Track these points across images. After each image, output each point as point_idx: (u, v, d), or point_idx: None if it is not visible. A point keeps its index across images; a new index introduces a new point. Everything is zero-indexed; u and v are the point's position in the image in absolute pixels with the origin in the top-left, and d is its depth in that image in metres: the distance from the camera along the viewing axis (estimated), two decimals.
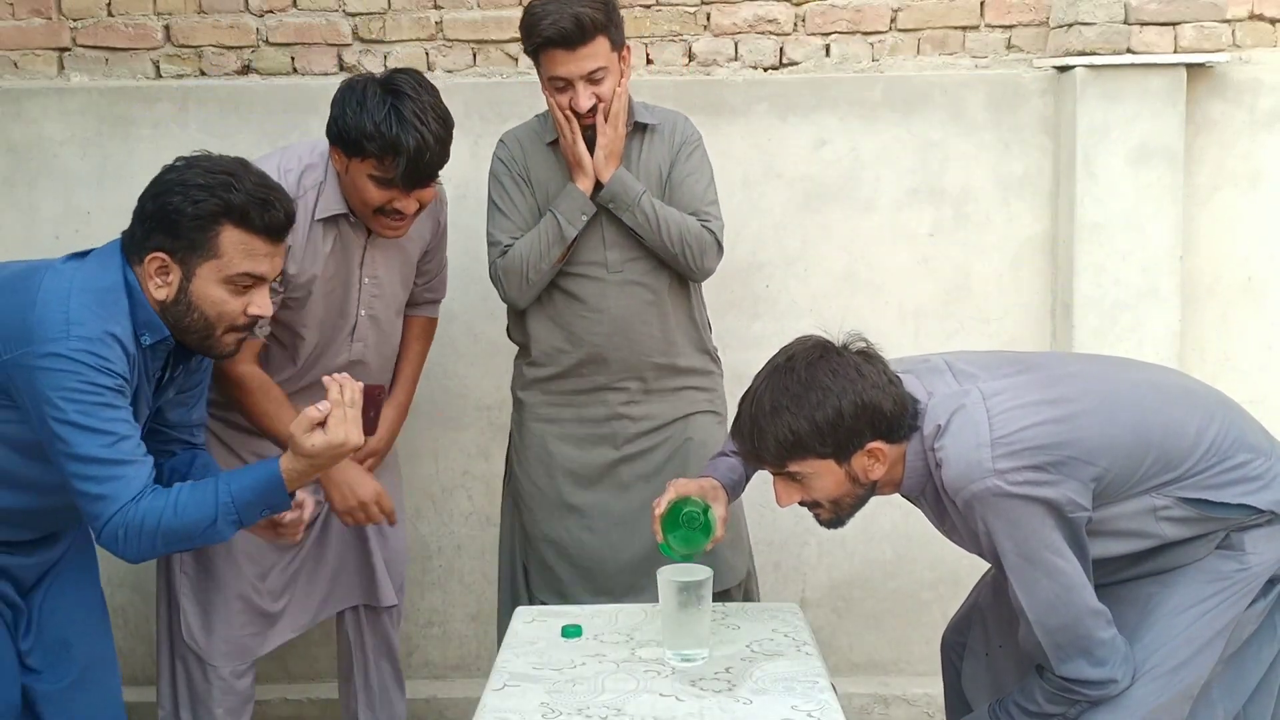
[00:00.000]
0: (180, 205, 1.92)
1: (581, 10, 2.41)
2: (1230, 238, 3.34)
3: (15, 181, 3.31)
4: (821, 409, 1.90)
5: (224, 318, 1.98)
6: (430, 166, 2.36)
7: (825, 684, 2.01)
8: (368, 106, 2.31)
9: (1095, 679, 1.93)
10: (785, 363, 1.95)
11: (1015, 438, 1.89)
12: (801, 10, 3.33)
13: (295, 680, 3.36)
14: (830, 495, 2.00)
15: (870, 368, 1.94)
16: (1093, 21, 3.18)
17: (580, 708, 1.93)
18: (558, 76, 2.48)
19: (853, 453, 1.94)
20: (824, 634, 3.34)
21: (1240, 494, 1.97)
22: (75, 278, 1.91)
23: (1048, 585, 1.90)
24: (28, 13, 3.31)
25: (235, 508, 1.92)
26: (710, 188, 2.65)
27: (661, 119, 2.66)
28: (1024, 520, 1.88)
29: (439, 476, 3.41)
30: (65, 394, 1.83)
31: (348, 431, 1.90)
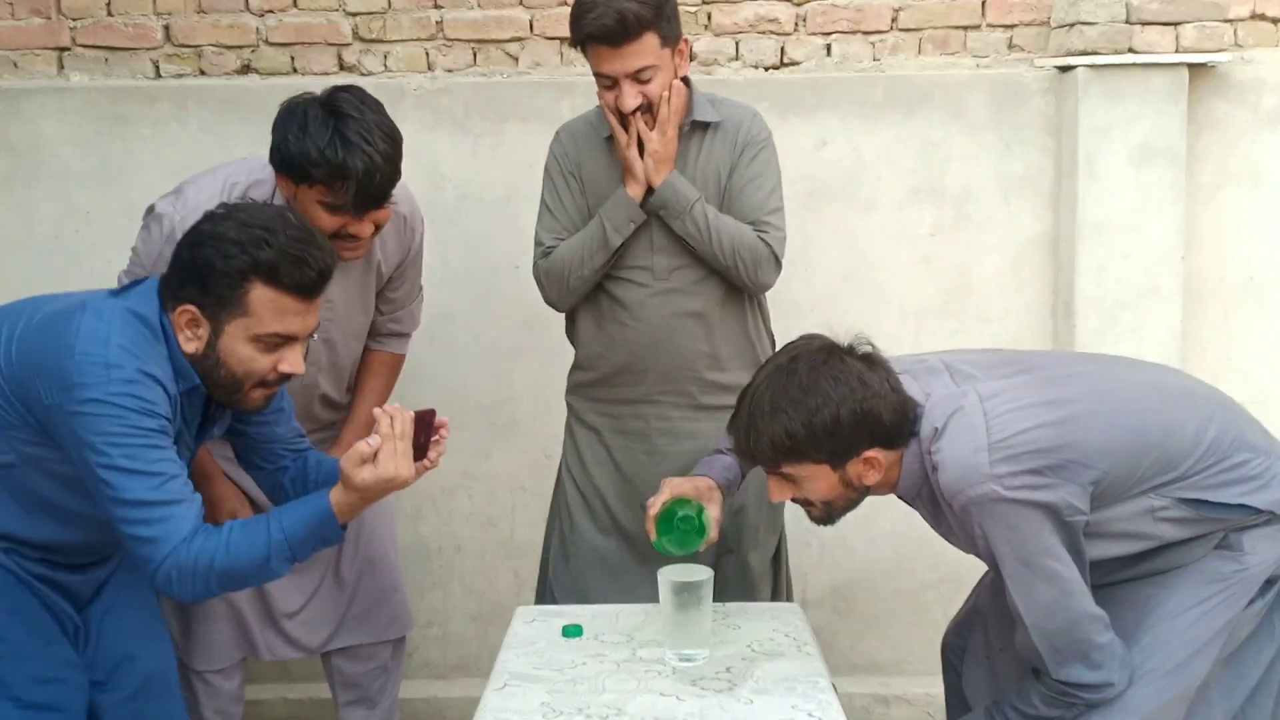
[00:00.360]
0: (211, 259, 1.86)
1: (628, 5, 2.28)
2: (1232, 237, 3.33)
3: (14, 181, 3.30)
4: (820, 415, 1.88)
5: (251, 375, 1.92)
6: (381, 188, 2.24)
7: (826, 684, 2.01)
8: (310, 131, 2.19)
9: (1092, 683, 1.92)
10: (788, 363, 1.94)
11: (1013, 441, 1.87)
12: (802, 10, 3.32)
13: (295, 680, 3.36)
14: (823, 497, 2.00)
15: (873, 375, 1.92)
16: (1094, 21, 3.18)
17: (581, 708, 1.93)
18: (603, 74, 2.37)
19: (849, 460, 1.93)
20: (825, 634, 3.34)
21: (1239, 494, 1.96)
22: (114, 320, 1.86)
23: (1045, 590, 1.89)
24: (28, 13, 3.30)
25: (288, 544, 1.88)
26: (774, 195, 2.50)
27: (726, 115, 2.51)
28: (1021, 525, 1.87)
29: (439, 476, 3.39)
30: (109, 439, 1.79)
31: (398, 466, 1.88)
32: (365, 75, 3.32)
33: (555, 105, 3.28)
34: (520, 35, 3.31)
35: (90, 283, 3.27)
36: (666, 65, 2.37)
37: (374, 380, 2.70)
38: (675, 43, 2.39)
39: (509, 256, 3.22)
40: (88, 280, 3.28)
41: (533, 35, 3.32)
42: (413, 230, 2.58)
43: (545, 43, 3.32)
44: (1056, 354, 2.87)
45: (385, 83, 3.30)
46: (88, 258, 3.31)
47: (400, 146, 2.28)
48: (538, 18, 3.31)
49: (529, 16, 3.31)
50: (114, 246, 3.30)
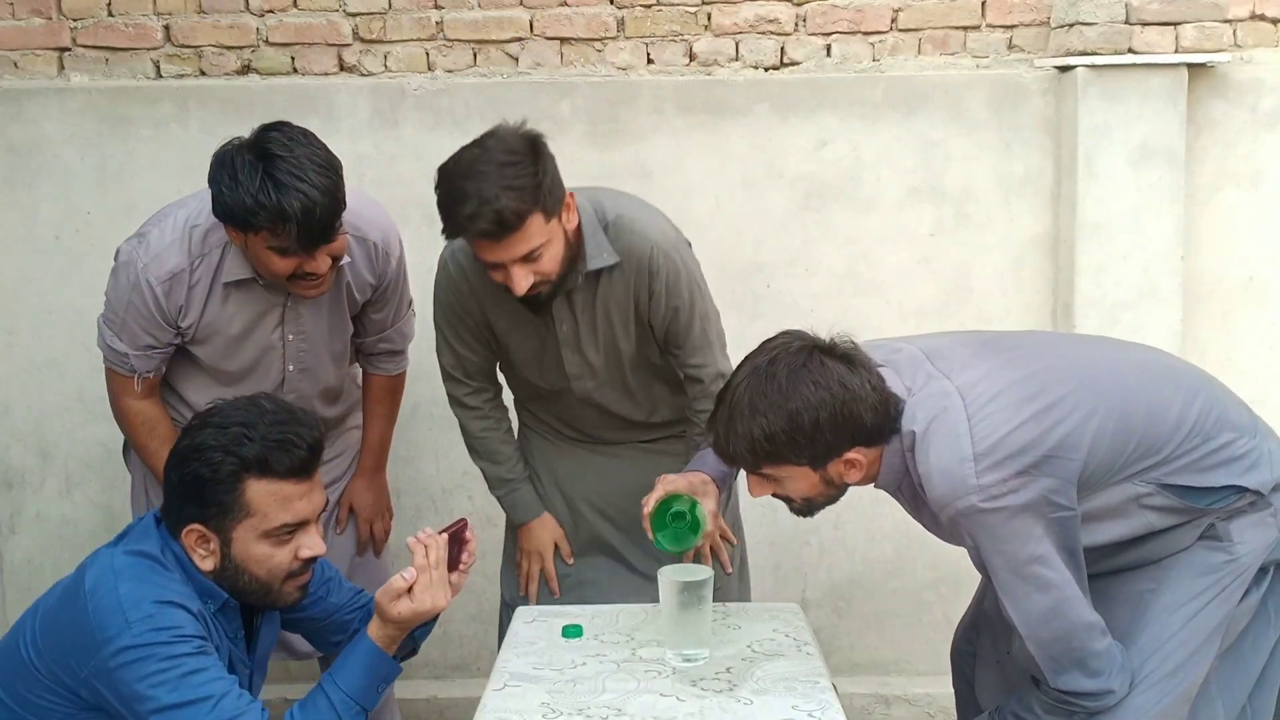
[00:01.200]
0: (199, 472, 1.82)
1: (504, 204, 2.05)
2: (1231, 238, 3.33)
3: (15, 181, 3.30)
4: (800, 420, 1.85)
5: (276, 573, 1.88)
6: (323, 222, 2.17)
7: (826, 684, 2.01)
8: (240, 180, 2.15)
9: (1092, 690, 1.90)
10: (767, 365, 1.89)
11: (997, 446, 1.83)
12: (802, 10, 3.32)
13: (295, 680, 3.36)
14: (803, 495, 1.99)
15: (854, 377, 1.88)
16: (1094, 21, 3.18)
17: (581, 708, 1.93)
18: (487, 261, 2.17)
19: (830, 461, 1.91)
20: (825, 634, 3.34)
21: (1226, 476, 1.93)
22: (116, 567, 1.83)
23: (1039, 599, 1.87)
24: (28, 13, 3.30)
25: (353, 700, 1.87)
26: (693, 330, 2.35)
27: (623, 250, 2.27)
28: (1011, 535, 1.84)
29: (439, 476, 3.41)
30: (149, 681, 1.74)
31: (434, 598, 1.88)
32: (365, 75, 3.32)
33: (555, 105, 3.28)
34: (520, 35, 3.31)
35: (90, 283, 3.29)
36: (555, 234, 2.16)
37: (379, 406, 2.73)
38: (560, 208, 2.17)
39: None
40: (88, 280, 3.29)
41: (533, 35, 3.32)
42: (387, 254, 2.53)
43: (545, 43, 3.32)
44: (1038, 335, 2.77)
45: (385, 83, 3.30)
46: (88, 258, 3.31)
47: (339, 175, 2.22)
48: (538, 18, 3.31)
49: (529, 17, 3.31)
50: (114, 247, 3.29)
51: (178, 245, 2.35)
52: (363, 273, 2.50)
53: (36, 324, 3.36)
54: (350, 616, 2.12)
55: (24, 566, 3.46)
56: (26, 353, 3.37)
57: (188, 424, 1.92)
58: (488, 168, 2.08)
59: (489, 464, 2.57)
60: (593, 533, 2.60)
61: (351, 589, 2.17)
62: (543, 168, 2.12)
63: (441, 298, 2.41)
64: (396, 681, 2.89)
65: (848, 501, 2.29)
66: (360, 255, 2.47)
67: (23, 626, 1.88)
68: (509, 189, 2.06)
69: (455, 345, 2.45)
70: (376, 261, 2.52)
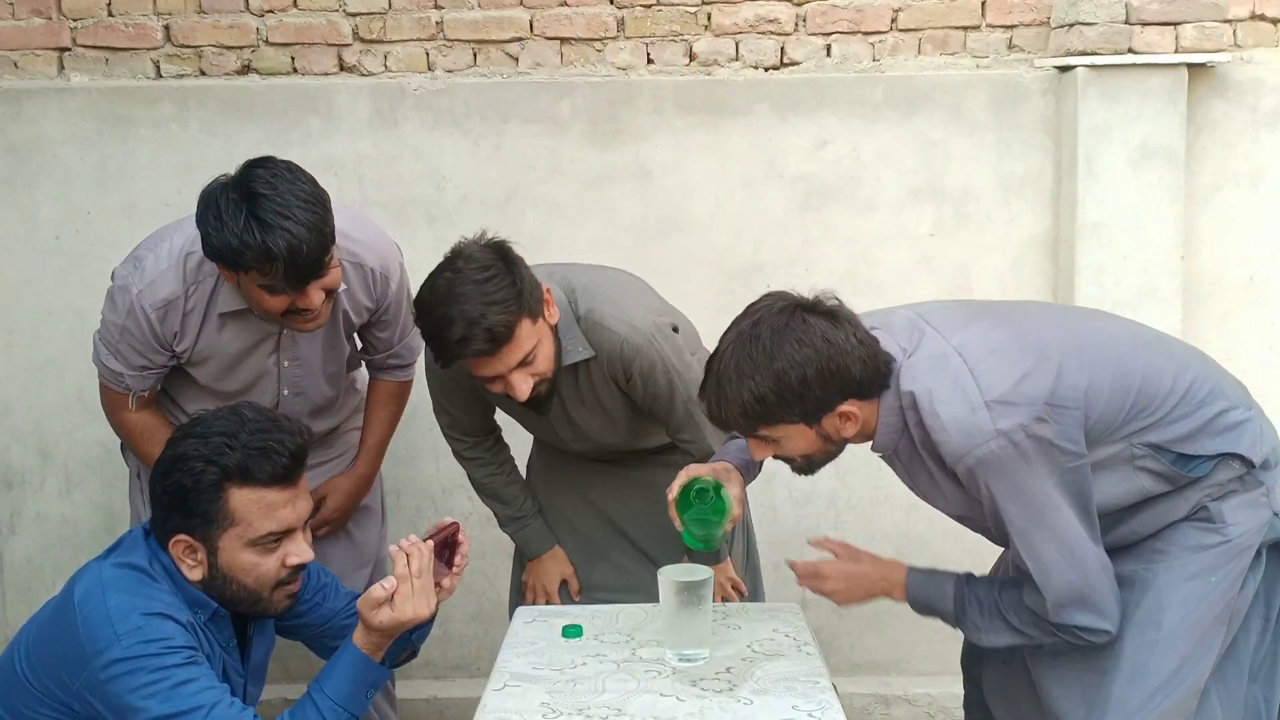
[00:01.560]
0: (182, 482, 1.83)
1: (493, 320, 2.07)
2: (1231, 238, 3.33)
3: (15, 181, 3.30)
4: (787, 378, 1.84)
5: (264, 581, 1.88)
6: (311, 259, 2.14)
7: (826, 684, 2.00)
8: (225, 221, 2.12)
9: (1089, 625, 1.91)
10: (751, 328, 1.88)
11: (1007, 395, 1.84)
12: (802, 10, 3.32)
13: (295, 680, 3.35)
14: (802, 453, 1.98)
15: (838, 332, 1.87)
16: (1094, 21, 3.18)
17: (581, 708, 1.93)
18: (484, 377, 2.19)
19: (824, 415, 1.90)
20: (825, 634, 3.34)
21: (1220, 444, 1.93)
22: (104, 575, 1.84)
23: (1053, 546, 1.87)
24: (28, 13, 3.30)
25: (340, 707, 1.87)
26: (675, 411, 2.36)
27: (597, 344, 2.29)
28: (1027, 482, 1.85)
29: (439, 476, 3.40)
30: (140, 693, 1.74)
31: (415, 607, 1.88)
32: (365, 75, 3.32)
33: (555, 105, 3.29)
34: (520, 35, 3.31)
35: (91, 283, 3.29)
36: (543, 333, 2.19)
37: (382, 410, 2.72)
38: (541, 306, 2.19)
39: None
40: (88, 280, 3.30)
41: (533, 35, 3.32)
42: (386, 280, 2.51)
43: (545, 43, 3.32)
44: (1030, 305, 2.78)
45: (385, 83, 3.31)
46: (88, 258, 3.31)
47: (325, 209, 2.19)
48: (538, 18, 3.31)
49: (529, 16, 3.31)
50: (114, 247, 3.30)
51: (172, 272, 2.34)
52: (359, 297, 2.49)
53: (36, 324, 3.36)
54: (348, 622, 2.11)
55: (24, 566, 3.46)
56: (26, 353, 3.37)
57: (171, 435, 1.92)
58: (466, 288, 2.09)
59: (497, 504, 2.61)
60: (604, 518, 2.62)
61: (349, 594, 2.17)
62: (518, 274, 2.14)
63: (433, 370, 2.42)
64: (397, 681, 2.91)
65: (848, 501, 2.29)
66: (357, 281, 2.46)
67: (18, 641, 1.88)
68: (493, 304, 2.08)
69: (450, 409, 2.50)
70: (374, 287, 2.50)
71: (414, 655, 2.13)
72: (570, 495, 2.63)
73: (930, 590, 2.08)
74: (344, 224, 2.36)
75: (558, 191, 3.32)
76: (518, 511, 2.60)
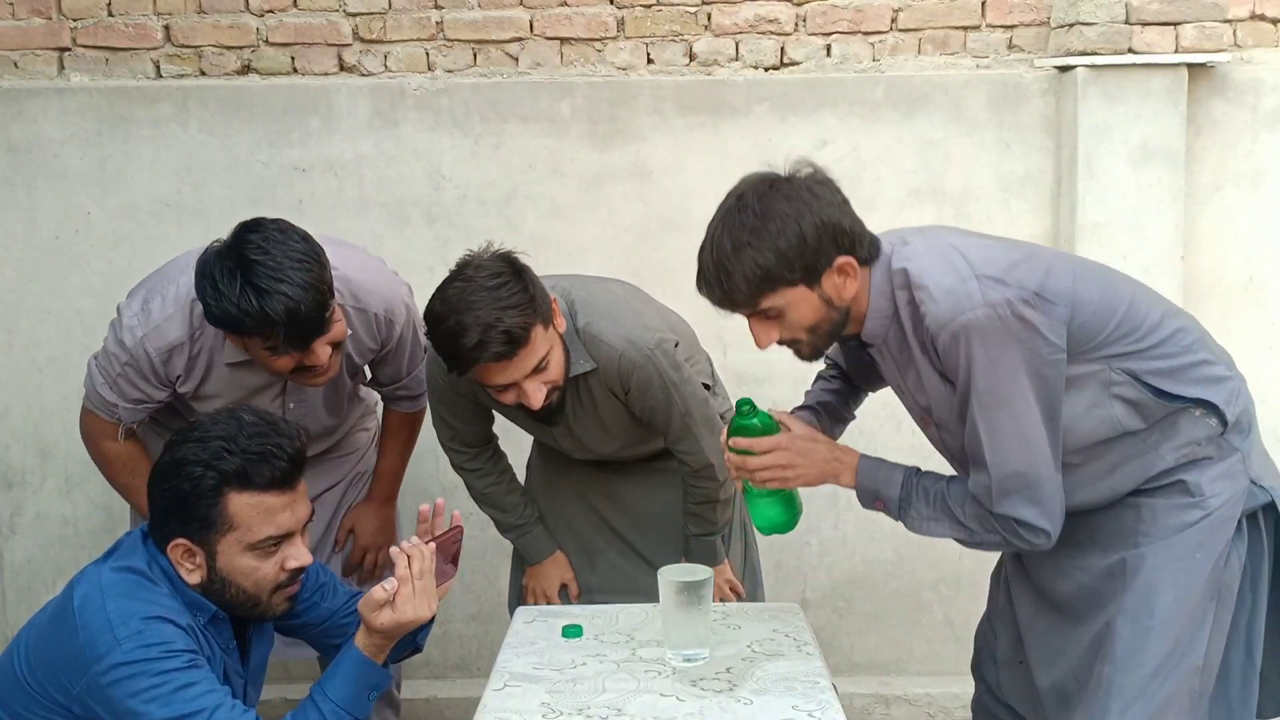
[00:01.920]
0: (181, 486, 1.83)
1: (510, 323, 2.07)
2: (1231, 238, 3.33)
3: (15, 181, 3.30)
4: (783, 236, 1.84)
5: (263, 585, 1.88)
6: (310, 319, 2.14)
7: (826, 684, 2.00)
8: (222, 290, 2.12)
9: (1028, 520, 1.89)
10: (736, 203, 1.89)
11: (999, 274, 1.86)
12: (802, 10, 3.32)
13: (295, 680, 3.36)
14: (807, 324, 1.95)
15: (823, 188, 1.89)
16: (1094, 21, 3.18)
17: (581, 708, 1.93)
18: (497, 385, 2.18)
19: (822, 273, 1.89)
20: (825, 634, 3.34)
21: (1199, 390, 1.94)
22: (103, 579, 1.84)
23: (1011, 427, 1.86)
24: (28, 13, 3.31)
25: (343, 709, 1.87)
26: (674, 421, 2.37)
27: (597, 356, 2.30)
28: (1003, 357, 1.84)
29: (439, 476, 3.40)
30: (141, 697, 1.74)
31: (417, 609, 1.88)
32: (365, 75, 3.32)
33: (555, 105, 3.29)
34: (520, 35, 3.31)
35: (91, 283, 3.30)
36: (554, 340, 2.20)
37: (394, 440, 2.74)
38: (551, 314, 2.19)
39: None
40: (88, 280, 3.30)
41: (533, 35, 3.32)
42: (390, 323, 2.50)
43: (545, 43, 3.32)
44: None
45: (385, 83, 3.31)
46: (88, 258, 3.31)
47: (321, 265, 2.18)
48: (538, 18, 3.31)
49: (529, 16, 3.31)
50: (114, 246, 3.32)
51: (179, 318, 2.33)
52: (363, 340, 2.49)
53: (36, 324, 3.36)
54: (347, 620, 2.12)
55: (24, 566, 3.46)
56: (26, 353, 3.37)
57: (169, 439, 1.92)
58: (479, 295, 2.09)
59: (498, 513, 2.62)
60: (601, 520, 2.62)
61: (348, 592, 2.17)
62: (529, 280, 2.16)
63: (435, 385, 2.43)
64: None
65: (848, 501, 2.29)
66: (360, 325, 2.45)
67: (17, 644, 1.88)
68: (508, 308, 2.09)
69: (451, 421, 2.50)
70: (378, 330, 2.50)
71: (418, 650, 2.13)
72: (569, 496, 2.63)
73: (879, 476, 2.05)
74: (349, 270, 2.37)
75: (557, 191, 3.32)
76: (518, 519, 2.60)
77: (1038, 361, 1.85)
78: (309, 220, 3.28)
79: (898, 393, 2.08)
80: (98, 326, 3.30)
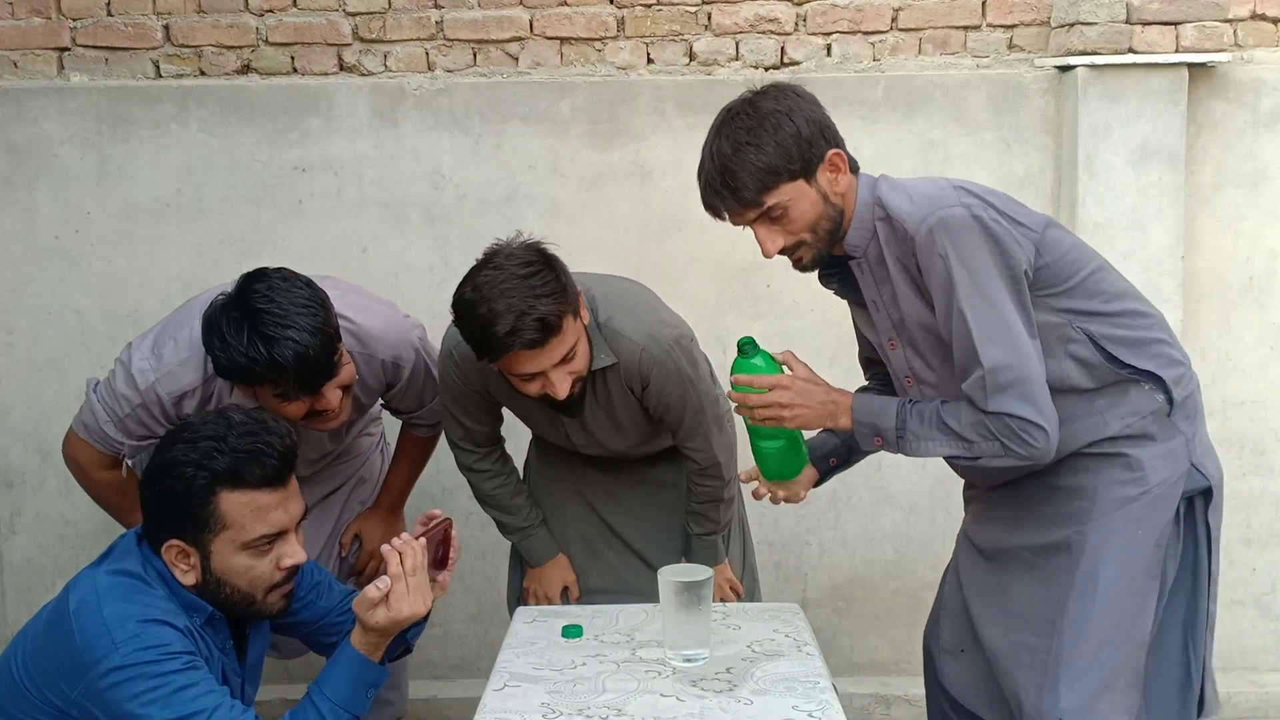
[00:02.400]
0: (173, 486, 1.83)
1: (544, 310, 2.07)
2: (1232, 237, 3.33)
3: (15, 181, 3.30)
4: (780, 131, 1.95)
5: (258, 583, 1.88)
6: (319, 364, 2.17)
7: (826, 684, 2.00)
8: (229, 341, 2.15)
9: (1024, 415, 1.91)
10: (726, 115, 2.01)
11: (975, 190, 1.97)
12: (802, 10, 3.32)
13: (295, 680, 3.36)
14: (809, 221, 2.00)
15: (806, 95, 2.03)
16: (1094, 21, 3.18)
17: (580, 708, 1.93)
18: (525, 374, 2.17)
19: (817, 165, 1.98)
20: (825, 634, 3.34)
21: (1152, 364, 2.00)
22: (98, 582, 1.84)
23: (997, 320, 1.91)
24: (28, 13, 3.30)
25: (341, 708, 1.88)
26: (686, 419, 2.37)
27: (618, 350, 2.30)
28: (979, 254, 1.90)
29: (439, 476, 3.40)
30: (140, 700, 1.74)
31: (412, 605, 1.87)
32: (365, 75, 3.32)
33: (555, 105, 3.29)
34: (520, 35, 3.31)
35: (91, 283, 3.30)
36: (581, 331, 2.21)
37: (407, 456, 2.74)
38: (579, 305, 2.20)
39: None
40: (88, 280, 3.30)
41: (533, 35, 3.32)
42: (398, 367, 2.51)
43: (545, 43, 3.32)
44: None
45: (385, 83, 3.31)
46: (88, 258, 3.31)
47: (326, 309, 2.21)
48: (538, 18, 3.31)
49: (529, 16, 3.31)
50: (114, 246, 3.31)
51: (192, 364, 2.34)
52: (369, 384, 2.50)
53: (36, 324, 3.36)
54: (342, 619, 2.12)
55: (24, 566, 3.46)
56: (26, 353, 3.37)
57: (160, 440, 1.92)
58: (512, 283, 2.09)
59: (503, 515, 2.61)
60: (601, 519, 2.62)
61: (343, 590, 2.17)
62: (561, 269, 2.17)
63: (448, 381, 2.43)
64: None
65: (848, 501, 2.29)
66: (368, 371, 2.46)
67: (15, 647, 1.88)
68: (542, 296, 2.09)
69: (463, 420, 2.49)
70: (385, 374, 2.52)
71: (409, 651, 2.13)
72: (570, 497, 2.63)
73: (874, 407, 2.08)
74: (356, 316, 2.39)
75: (557, 191, 3.32)
76: (523, 521, 2.60)
77: (1009, 262, 1.92)
78: (309, 220, 3.31)
79: (873, 311, 2.10)
80: (98, 326, 3.32)
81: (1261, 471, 3.41)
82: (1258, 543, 3.44)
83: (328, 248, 3.29)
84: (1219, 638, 2.23)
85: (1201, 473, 2.03)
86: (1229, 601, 3.23)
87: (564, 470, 2.62)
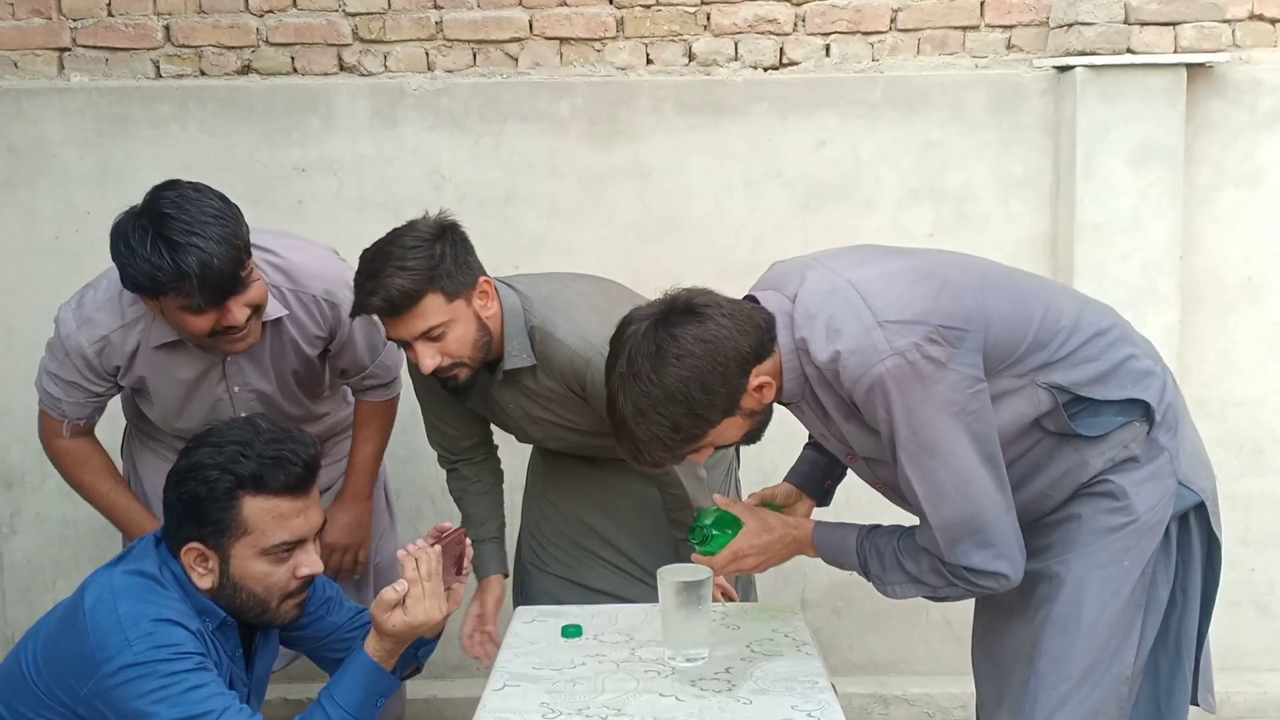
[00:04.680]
0: (196, 490, 1.85)
1: (398, 281, 2.13)
2: (1230, 238, 3.34)
3: (15, 181, 3.31)
4: (686, 398, 1.80)
5: (273, 590, 1.90)
6: (225, 273, 2.13)
7: (825, 684, 2.01)
8: (134, 247, 2.12)
9: (981, 567, 1.85)
10: (628, 368, 1.83)
11: (899, 312, 1.80)
12: (801, 10, 3.33)
13: (295, 680, 3.36)
14: (736, 438, 1.94)
15: (706, 326, 1.82)
16: (1093, 21, 3.18)
17: (580, 708, 1.93)
18: (392, 338, 2.26)
19: (739, 401, 1.86)
20: (824, 634, 3.34)
21: (1131, 390, 1.90)
22: (114, 582, 1.85)
23: (944, 475, 1.81)
24: (28, 13, 3.31)
25: (350, 712, 1.88)
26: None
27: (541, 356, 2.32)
28: (922, 406, 1.78)
29: (439, 476, 3.38)
30: (150, 698, 1.75)
31: (428, 610, 1.88)
32: (365, 75, 3.32)
33: (555, 105, 3.29)
34: (520, 35, 3.31)
35: None
36: (462, 316, 2.22)
37: (365, 430, 2.67)
38: (467, 290, 2.23)
39: (509, 256, 3.21)
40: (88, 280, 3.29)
41: (533, 35, 3.32)
42: (335, 305, 2.46)
43: (545, 43, 3.32)
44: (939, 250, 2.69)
45: (385, 83, 3.31)
46: (88, 258, 3.30)
47: (237, 221, 2.18)
48: (538, 18, 3.31)
49: (529, 16, 3.31)
50: None
51: (109, 308, 2.34)
52: (307, 327, 2.46)
53: (36, 324, 3.34)
54: (350, 635, 2.13)
55: (24, 566, 3.46)
56: (26, 353, 3.36)
57: (185, 445, 1.94)
58: (393, 250, 2.18)
59: (463, 515, 2.65)
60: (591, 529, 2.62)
61: (353, 608, 2.18)
62: (444, 252, 2.20)
63: (415, 375, 2.46)
64: None
65: (847, 502, 2.30)
66: (301, 311, 2.43)
67: (24, 645, 1.89)
68: (403, 269, 2.15)
69: (439, 424, 2.56)
70: (321, 315, 2.47)
71: (418, 670, 2.13)
72: (565, 499, 2.64)
73: (835, 543, 2.05)
74: (285, 252, 2.38)
75: (557, 191, 3.33)
76: (476, 533, 2.60)
77: (960, 399, 1.80)
78: (309, 220, 3.31)
79: (823, 441, 2.06)
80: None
81: (1260, 472, 3.41)
82: (1256, 543, 3.44)
83: None
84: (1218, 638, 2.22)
85: (1190, 489, 1.95)
86: (1227, 602, 3.22)
87: (559, 477, 2.64)
